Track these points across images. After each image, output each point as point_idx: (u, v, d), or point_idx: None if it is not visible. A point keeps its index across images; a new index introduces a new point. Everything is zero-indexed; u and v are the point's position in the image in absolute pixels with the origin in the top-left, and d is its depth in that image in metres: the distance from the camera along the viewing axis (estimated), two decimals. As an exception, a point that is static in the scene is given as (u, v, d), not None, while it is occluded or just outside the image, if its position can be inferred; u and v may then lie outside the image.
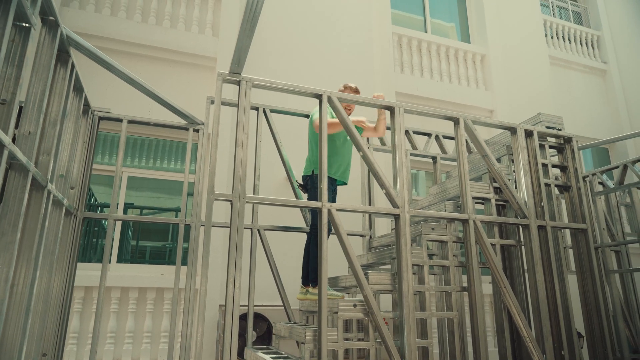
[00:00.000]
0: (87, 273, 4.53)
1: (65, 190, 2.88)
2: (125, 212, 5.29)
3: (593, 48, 9.27)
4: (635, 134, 4.75)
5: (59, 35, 2.33)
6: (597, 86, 8.95)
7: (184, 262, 4.82)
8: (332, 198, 3.59)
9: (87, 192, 3.67)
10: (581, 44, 9.16)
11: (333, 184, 3.61)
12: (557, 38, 8.93)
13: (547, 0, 9.37)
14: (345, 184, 3.76)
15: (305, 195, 4.97)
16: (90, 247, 5.14)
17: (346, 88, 3.73)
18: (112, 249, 4.98)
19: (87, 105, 3.41)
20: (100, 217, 3.71)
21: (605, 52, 9.18)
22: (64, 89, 2.53)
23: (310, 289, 3.54)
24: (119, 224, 5.11)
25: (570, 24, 9.11)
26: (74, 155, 3.06)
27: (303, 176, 3.75)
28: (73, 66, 2.69)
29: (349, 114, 3.68)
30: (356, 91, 3.74)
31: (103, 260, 3.44)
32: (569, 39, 9.06)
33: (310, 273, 3.54)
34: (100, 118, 3.69)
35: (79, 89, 3.02)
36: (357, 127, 3.69)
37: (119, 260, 5.08)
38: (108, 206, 5.15)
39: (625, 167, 4.72)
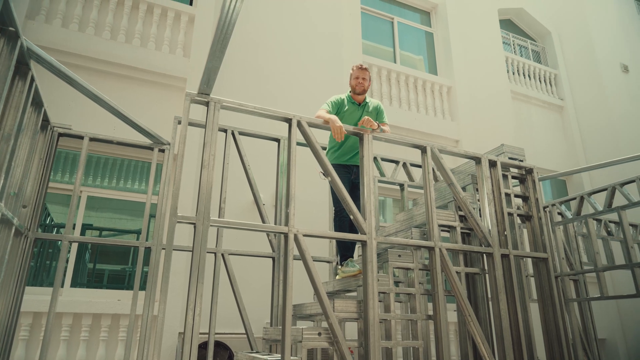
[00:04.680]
0: (37, 298, 4.26)
1: (16, 209, 2.72)
2: (83, 233, 5.04)
3: (551, 85, 9.78)
4: (592, 166, 4.97)
5: (19, 46, 2.23)
6: (555, 121, 9.40)
7: (144, 287, 4.61)
8: (347, 182, 3.67)
9: (42, 212, 3.48)
10: (540, 81, 9.66)
11: (341, 169, 3.67)
12: (518, 74, 9.39)
13: (509, 39, 9.87)
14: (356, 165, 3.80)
15: (272, 219, 4.91)
16: (43, 270, 4.85)
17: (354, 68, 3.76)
18: (65, 272, 4.72)
19: (46, 120, 3.27)
20: (54, 239, 3.52)
21: (562, 90, 9.70)
22: (20, 103, 2.41)
23: (340, 268, 3.65)
24: (75, 245, 4.86)
25: (530, 62, 9.61)
26: (29, 173, 2.91)
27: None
28: (33, 79, 2.58)
29: (363, 90, 3.72)
30: (361, 69, 3.72)
31: (54, 284, 3.23)
32: (528, 76, 9.54)
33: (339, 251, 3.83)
34: (60, 134, 3.54)
35: (38, 103, 2.90)
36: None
37: (73, 285, 4.80)
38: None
39: (582, 198, 4.91)
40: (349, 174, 3.76)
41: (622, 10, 10.54)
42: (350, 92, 3.79)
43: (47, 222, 5.00)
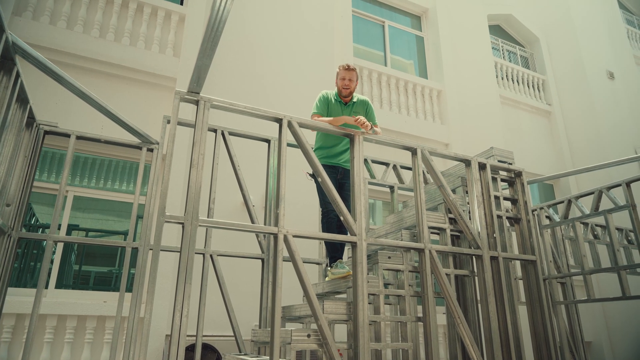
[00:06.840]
0: (20, 299, 4.18)
1: (-1, 207, 2.66)
2: (69, 233, 4.95)
3: (539, 90, 9.89)
4: (579, 170, 5.03)
5: (4, 40, 2.19)
6: (543, 126, 9.51)
7: (130, 289, 4.54)
8: (334, 183, 3.53)
9: (27, 211, 3.41)
10: (528, 86, 9.77)
11: (327, 169, 3.53)
12: (507, 79, 9.50)
13: (498, 44, 9.98)
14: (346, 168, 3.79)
15: (261, 220, 4.88)
16: (27, 271, 4.75)
17: (340, 68, 3.66)
18: (50, 273, 4.63)
19: (31, 117, 3.21)
20: (38, 238, 3.46)
21: (549, 95, 9.83)
22: (5, 99, 2.36)
23: (329, 269, 3.60)
24: (60, 246, 4.78)
25: (518, 67, 9.72)
26: (13, 171, 2.85)
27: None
28: (18, 75, 2.53)
29: (349, 92, 3.66)
30: (348, 69, 3.62)
31: (38, 285, 3.17)
32: (517, 81, 9.65)
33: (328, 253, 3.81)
34: (46, 132, 3.47)
35: (23, 99, 2.84)
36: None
37: (58, 286, 4.72)
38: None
39: (569, 202, 4.96)
40: (335, 174, 3.74)
41: (609, 18, 10.72)
42: (336, 91, 3.75)
43: (32, 222, 4.91)
